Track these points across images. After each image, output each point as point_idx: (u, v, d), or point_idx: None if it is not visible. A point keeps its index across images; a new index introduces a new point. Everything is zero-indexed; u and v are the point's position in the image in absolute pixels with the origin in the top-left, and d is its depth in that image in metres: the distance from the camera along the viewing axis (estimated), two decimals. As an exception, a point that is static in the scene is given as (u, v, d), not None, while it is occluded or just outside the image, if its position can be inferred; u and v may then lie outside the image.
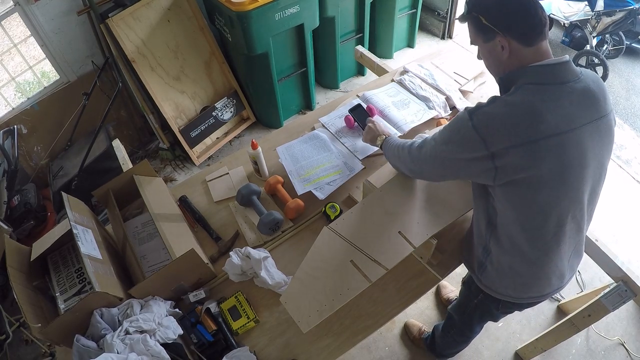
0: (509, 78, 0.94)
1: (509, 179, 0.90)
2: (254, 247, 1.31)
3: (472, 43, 1.01)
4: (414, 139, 1.16)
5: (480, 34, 0.96)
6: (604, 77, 3.25)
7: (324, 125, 1.70)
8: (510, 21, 0.91)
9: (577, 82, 0.90)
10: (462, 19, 1.00)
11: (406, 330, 1.98)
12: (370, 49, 3.26)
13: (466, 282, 1.33)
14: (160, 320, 1.09)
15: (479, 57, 1.03)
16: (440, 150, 0.98)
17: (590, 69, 3.27)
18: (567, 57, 0.92)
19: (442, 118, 1.67)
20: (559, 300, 2.04)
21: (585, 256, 1.42)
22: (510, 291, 1.12)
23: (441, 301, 2.08)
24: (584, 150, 0.91)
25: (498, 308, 1.21)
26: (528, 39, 0.91)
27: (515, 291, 1.12)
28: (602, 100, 0.93)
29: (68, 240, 1.32)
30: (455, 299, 1.58)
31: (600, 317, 1.43)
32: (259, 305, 1.23)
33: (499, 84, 0.99)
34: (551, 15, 3.56)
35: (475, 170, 0.93)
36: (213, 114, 2.89)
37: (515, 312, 1.27)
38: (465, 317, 1.41)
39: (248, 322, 1.17)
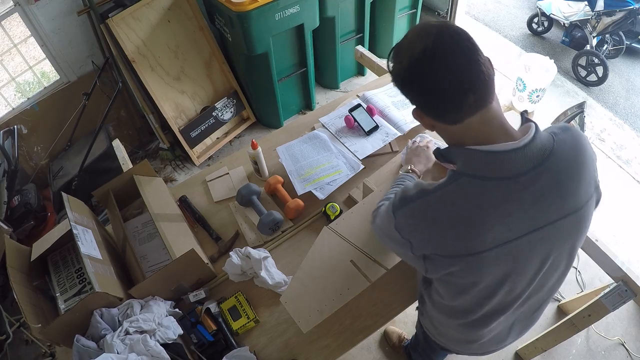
0: (449, 153, 0.74)
1: (443, 278, 0.78)
2: (254, 247, 1.31)
3: None
4: (387, 197, 1.01)
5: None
6: (604, 77, 3.25)
7: (324, 125, 1.70)
8: (417, 94, 0.69)
9: (539, 173, 0.66)
10: None
11: (385, 337, 1.91)
12: (370, 49, 3.26)
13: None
14: (160, 321, 1.09)
15: None
16: (379, 231, 0.87)
17: (590, 69, 3.28)
18: (528, 136, 0.67)
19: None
20: (559, 301, 2.04)
21: (585, 256, 1.43)
22: (446, 342, 1.07)
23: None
24: (547, 249, 0.73)
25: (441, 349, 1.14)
26: (447, 118, 0.68)
27: (451, 344, 1.07)
28: (575, 189, 0.69)
29: (68, 241, 1.32)
30: None
31: (600, 317, 1.43)
32: (259, 305, 1.23)
33: (435, 154, 0.80)
34: (551, 15, 3.56)
35: (408, 258, 0.82)
36: (213, 114, 2.89)
37: None
38: (425, 340, 1.27)
39: (248, 322, 1.17)
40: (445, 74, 0.63)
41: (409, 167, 1.16)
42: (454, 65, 0.63)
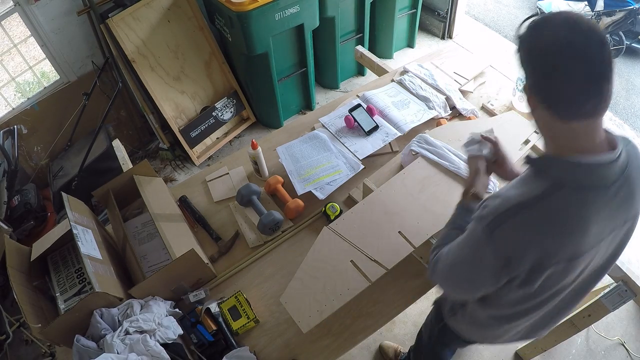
0: (548, 165, 0.73)
1: (520, 287, 0.78)
2: (253, 247, 1.30)
3: None
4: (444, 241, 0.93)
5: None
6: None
7: (324, 125, 1.70)
8: (545, 76, 0.67)
9: (623, 182, 0.71)
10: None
11: (381, 353, 1.88)
12: (370, 49, 3.26)
13: (436, 303, 1.23)
14: (160, 320, 1.09)
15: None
16: (457, 269, 0.83)
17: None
18: (617, 150, 0.70)
19: (442, 118, 1.67)
20: (559, 300, 2.04)
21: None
22: (478, 338, 1.08)
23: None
24: (606, 249, 0.79)
25: (461, 340, 1.15)
26: (564, 111, 0.67)
27: (485, 339, 1.08)
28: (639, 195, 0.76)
29: (68, 240, 1.32)
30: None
31: (600, 317, 1.43)
32: (259, 305, 1.23)
33: (527, 163, 0.76)
34: (551, 15, 3.56)
35: (486, 279, 0.79)
36: (213, 114, 2.89)
37: None
38: (432, 340, 1.28)
39: (248, 322, 1.17)
40: (583, 69, 0.63)
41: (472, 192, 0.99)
42: (593, 67, 0.63)
